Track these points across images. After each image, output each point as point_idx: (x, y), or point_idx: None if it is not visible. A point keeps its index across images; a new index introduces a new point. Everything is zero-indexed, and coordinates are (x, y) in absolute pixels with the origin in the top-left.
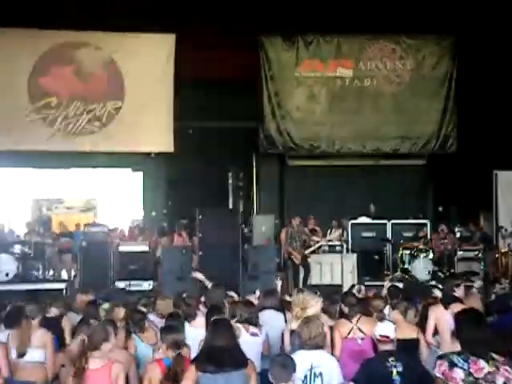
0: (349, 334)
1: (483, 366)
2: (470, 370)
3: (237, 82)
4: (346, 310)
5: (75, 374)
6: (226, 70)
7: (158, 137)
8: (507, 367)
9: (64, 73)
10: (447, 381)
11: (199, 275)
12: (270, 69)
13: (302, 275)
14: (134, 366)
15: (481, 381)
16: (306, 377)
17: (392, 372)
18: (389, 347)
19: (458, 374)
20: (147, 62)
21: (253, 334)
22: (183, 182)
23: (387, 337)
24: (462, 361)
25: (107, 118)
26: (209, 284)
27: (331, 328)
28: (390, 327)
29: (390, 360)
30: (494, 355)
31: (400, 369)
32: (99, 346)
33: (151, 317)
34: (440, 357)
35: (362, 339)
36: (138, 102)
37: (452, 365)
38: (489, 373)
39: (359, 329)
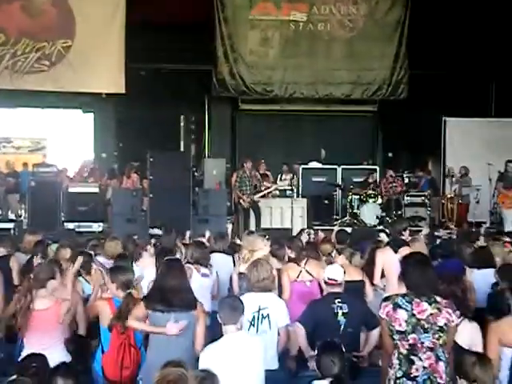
0: (298, 277)
1: (426, 308)
2: (413, 312)
3: (190, 24)
4: (292, 255)
5: (22, 313)
6: (180, 11)
7: (109, 77)
8: (449, 309)
9: (12, 9)
10: (391, 321)
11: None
12: (224, 11)
13: (253, 219)
14: (81, 304)
15: (423, 322)
16: (253, 318)
17: (337, 313)
18: (336, 290)
19: (402, 314)
20: (98, 0)
21: (204, 275)
22: (134, 124)
23: (335, 280)
24: (405, 302)
25: (57, 57)
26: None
27: (279, 271)
28: (339, 270)
29: (336, 301)
30: (438, 298)
31: (345, 310)
32: (45, 284)
33: (100, 258)
34: (385, 299)
35: (311, 281)
36: (88, 41)
37: (396, 306)
38: (431, 314)
39: (307, 272)
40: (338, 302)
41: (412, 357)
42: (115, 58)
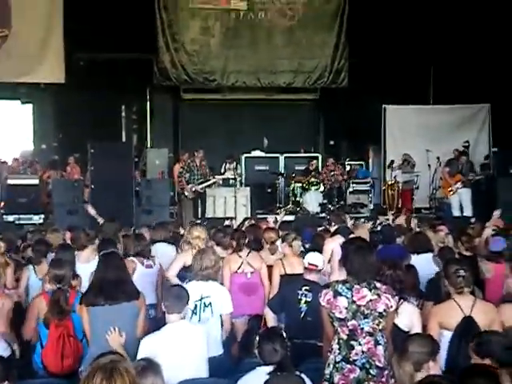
0: (239, 268)
1: (366, 294)
2: (354, 298)
3: (130, 13)
4: (234, 243)
5: None
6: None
7: (48, 67)
8: (388, 295)
9: None
10: (331, 309)
11: (92, 211)
12: None
13: (199, 209)
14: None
15: (363, 308)
16: (195, 307)
17: (301, 300)
18: (313, 276)
19: (342, 302)
20: None
21: (148, 266)
22: (75, 114)
23: (316, 265)
24: (345, 289)
25: None
26: (101, 220)
27: (223, 261)
28: (319, 257)
29: (302, 288)
30: (377, 284)
31: (309, 299)
32: None
33: None
34: (326, 286)
35: (252, 273)
36: (26, 31)
37: (336, 294)
38: (370, 300)
39: (249, 263)
40: (305, 290)
41: (352, 342)
42: (54, 48)
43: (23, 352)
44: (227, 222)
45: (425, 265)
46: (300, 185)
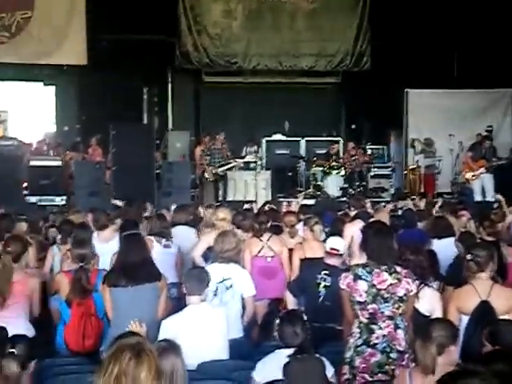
0: (259, 252)
1: (386, 278)
2: (374, 282)
3: None
4: (256, 227)
5: None
6: None
7: (71, 48)
8: (408, 279)
9: None
10: (351, 292)
11: (119, 203)
12: None
13: (220, 191)
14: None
15: (383, 292)
16: (217, 289)
17: (320, 284)
18: (333, 261)
19: (362, 285)
20: None
21: (166, 246)
22: (97, 96)
23: (337, 249)
24: (366, 273)
25: (16, 28)
26: None
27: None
28: (340, 241)
29: (322, 273)
30: (397, 268)
31: (328, 283)
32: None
33: None
34: (346, 269)
35: (272, 257)
36: (48, 12)
37: (356, 277)
38: (391, 284)
39: (269, 247)
40: (324, 274)
41: (372, 326)
42: (76, 29)
43: (46, 331)
44: (247, 206)
45: (447, 249)
46: (321, 169)
